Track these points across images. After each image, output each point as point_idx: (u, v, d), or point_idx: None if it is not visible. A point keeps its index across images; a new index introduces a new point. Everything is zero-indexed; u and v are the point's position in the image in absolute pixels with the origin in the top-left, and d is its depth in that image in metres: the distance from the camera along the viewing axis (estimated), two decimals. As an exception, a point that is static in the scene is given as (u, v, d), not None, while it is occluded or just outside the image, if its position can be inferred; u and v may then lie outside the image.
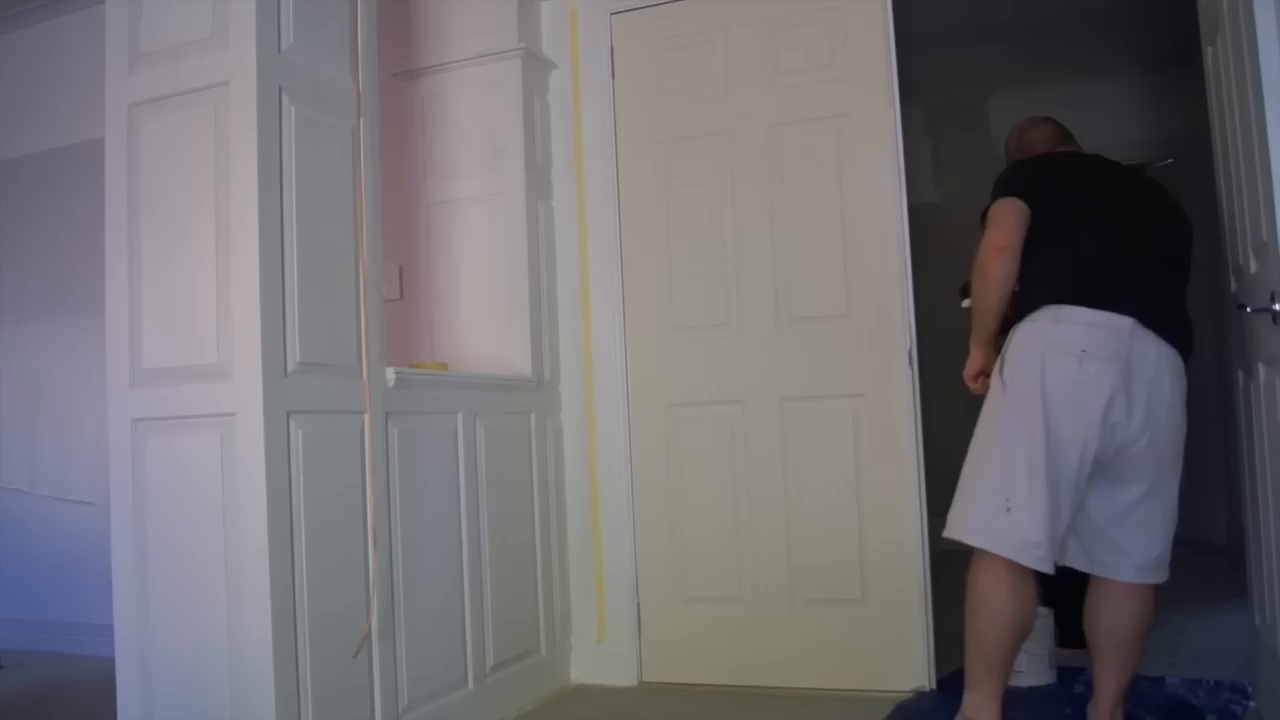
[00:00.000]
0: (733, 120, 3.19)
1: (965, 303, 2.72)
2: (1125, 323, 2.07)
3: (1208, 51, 2.58)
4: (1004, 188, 2.27)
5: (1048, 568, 2.07)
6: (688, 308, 3.21)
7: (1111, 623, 2.20)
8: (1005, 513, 2.05)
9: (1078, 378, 2.04)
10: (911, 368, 2.97)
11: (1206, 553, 4.94)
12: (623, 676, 3.20)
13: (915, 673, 2.91)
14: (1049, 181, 2.28)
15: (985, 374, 2.30)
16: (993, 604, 2.08)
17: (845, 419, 3.01)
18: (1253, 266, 2.23)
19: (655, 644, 3.20)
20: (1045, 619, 2.95)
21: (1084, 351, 2.05)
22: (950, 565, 2.53)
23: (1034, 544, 2.04)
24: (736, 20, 3.18)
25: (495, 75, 3.21)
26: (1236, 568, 2.73)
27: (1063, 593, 2.67)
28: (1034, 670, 2.90)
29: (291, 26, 2.25)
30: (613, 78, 3.32)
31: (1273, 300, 2.00)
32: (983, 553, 2.10)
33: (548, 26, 3.38)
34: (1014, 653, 2.12)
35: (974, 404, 2.29)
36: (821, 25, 3.09)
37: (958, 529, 2.17)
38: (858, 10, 3.03)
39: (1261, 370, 2.24)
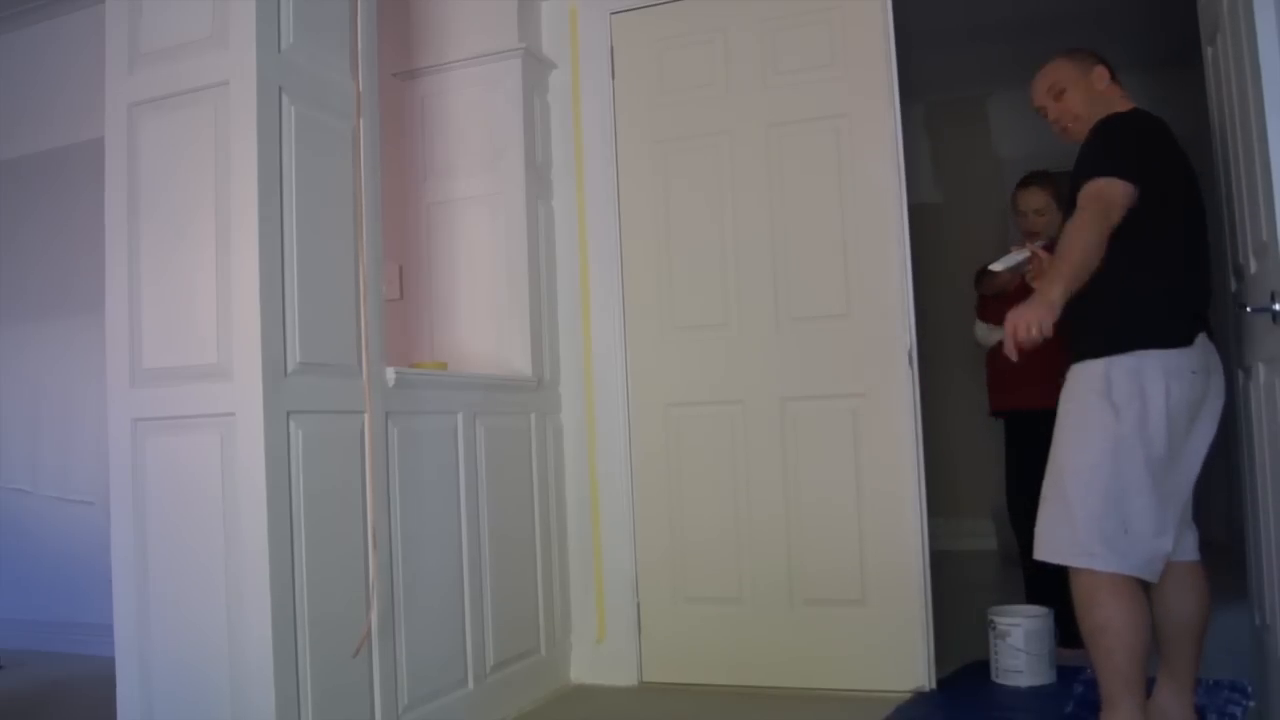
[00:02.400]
0: (733, 120, 3.19)
1: (997, 265, 2.70)
2: (1203, 337, 2.18)
3: (1207, 51, 2.58)
4: (1118, 162, 2.13)
5: (1157, 578, 2.14)
6: (688, 307, 3.21)
7: (1195, 607, 2.24)
8: (1124, 534, 2.08)
9: (1191, 397, 2.12)
10: (911, 368, 2.97)
11: (1207, 552, 4.91)
12: (623, 676, 3.20)
13: (915, 673, 2.91)
14: (1160, 166, 2.18)
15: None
16: (1120, 620, 2.07)
17: (845, 419, 3.01)
18: (1253, 266, 2.23)
19: (655, 644, 3.20)
20: (1045, 619, 2.95)
21: (1194, 373, 2.13)
22: (949, 565, 2.53)
23: (1158, 559, 2.11)
24: (736, 20, 3.18)
25: (495, 75, 3.21)
26: (1236, 568, 2.73)
27: (1063, 593, 2.66)
28: (1034, 670, 2.90)
29: (291, 26, 2.25)
30: (613, 77, 3.32)
31: (1273, 300, 2.00)
32: (1095, 572, 2.10)
33: (548, 26, 3.38)
34: (1147, 663, 2.11)
35: (975, 403, 2.29)
36: (821, 25, 3.09)
37: (1066, 553, 2.14)
38: (857, 10, 3.03)
39: (1261, 370, 2.24)
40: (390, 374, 2.47)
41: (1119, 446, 2.09)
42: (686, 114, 3.23)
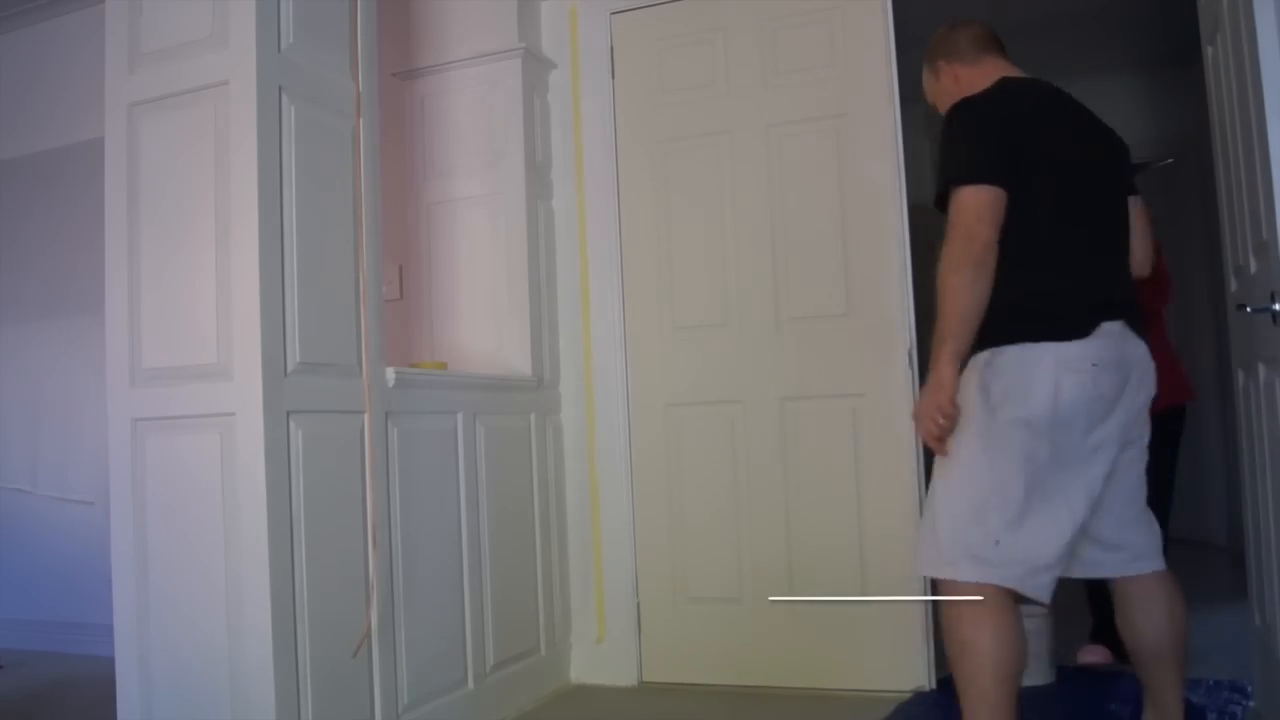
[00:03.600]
0: (732, 120, 3.19)
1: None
2: (1117, 326, 1.91)
3: (1208, 51, 2.58)
4: (971, 167, 1.88)
5: (1047, 597, 1.89)
6: (687, 307, 3.21)
7: (1162, 623, 1.98)
8: (994, 544, 1.84)
9: (1095, 394, 1.86)
10: (911, 368, 2.97)
11: (1207, 553, 4.94)
12: (623, 676, 3.20)
13: (915, 673, 2.91)
14: (1025, 149, 1.90)
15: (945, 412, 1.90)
16: (986, 639, 1.83)
17: (845, 419, 3.01)
18: (1253, 266, 2.23)
19: (655, 644, 3.20)
20: (1045, 619, 2.95)
21: (1096, 367, 1.86)
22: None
23: (1044, 571, 1.85)
24: (736, 20, 3.18)
25: (495, 75, 3.21)
26: (1237, 568, 2.73)
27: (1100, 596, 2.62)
28: (1034, 670, 2.90)
29: (291, 26, 2.25)
30: (612, 77, 3.32)
31: (1273, 300, 2.00)
32: (958, 584, 1.87)
33: (547, 26, 3.38)
34: (1017, 687, 1.86)
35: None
36: (821, 25, 3.09)
37: (929, 564, 1.95)
38: (857, 10, 3.03)
39: (1261, 370, 2.24)
40: (390, 374, 2.47)
41: (992, 447, 1.86)
42: (686, 114, 3.23)
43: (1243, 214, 2.30)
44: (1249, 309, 2.15)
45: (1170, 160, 5.35)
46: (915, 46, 3.40)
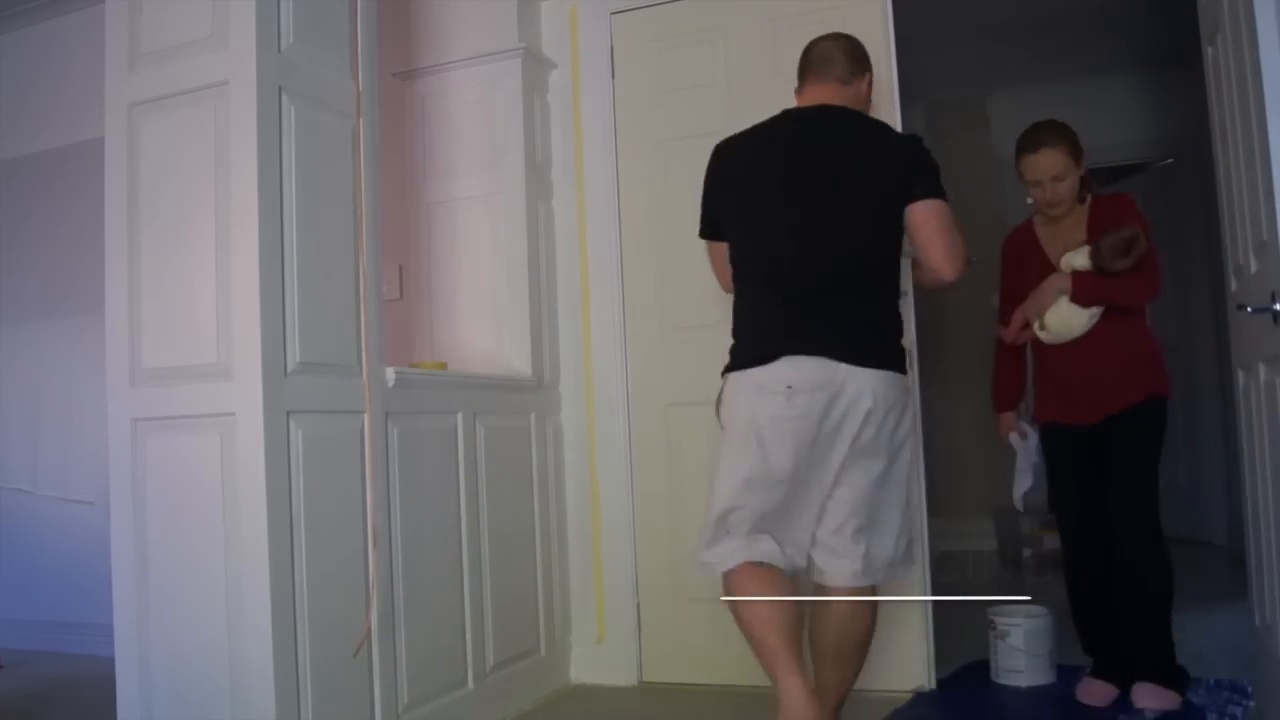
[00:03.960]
0: (732, 120, 3.16)
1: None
2: (826, 361, 2.13)
3: (1208, 51, 2.58)
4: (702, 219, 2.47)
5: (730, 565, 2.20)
6: (687, 307, 3.21)
7: (831, 634, 2.28)
8: (726, 534, 2.21)
9: (792, 413, 2.12)
10: (911, 368, 2.96)
11: (1207, 553, 4.93)
12: (622, 676, 3.20)
13: (915, 673, 2.91)
14: (723, 196, 2.39)
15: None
16: (747, 612, 2.16)
17: (845, 419, 3.01)
18: (1253, 266, 2.23)
19: (655, 644, 3.20)
20: (1045, 619, 2.95)
21: (790, 388, 2.12)
22: (950, 565, 2.53)
23: (741, 553, 2.19)
24: (736, 20, 3.18)
25: (495, 75, 3.21)
26: (1237, 568, 2.73)
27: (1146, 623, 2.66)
28: (1034, 670, 2.90)
29: (291, 26, 2.25)
30: (612, 77, 3.32)
31: (1273, 300, 2.00)
32: (722, 575, 2.22)
33: (547, 26, 3.38)
34: (791, 634, 2.14)
35: (975, 404, 2.29)
36: (821, 25, 3.07)
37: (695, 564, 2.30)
38: (858, 10, 3.03)
39: (1262, 370, 2.24)
40: (390, 374, 2.47)
41: (721, 459, 2.24)
42: (686, 114, 3.23)
43: (1243, 214, 2.30)
44: (1249, 309, 2.15)
45: (1170, 160, 5.35)
46: (916, 46, 3.41)
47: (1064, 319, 2.68)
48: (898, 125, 3.00)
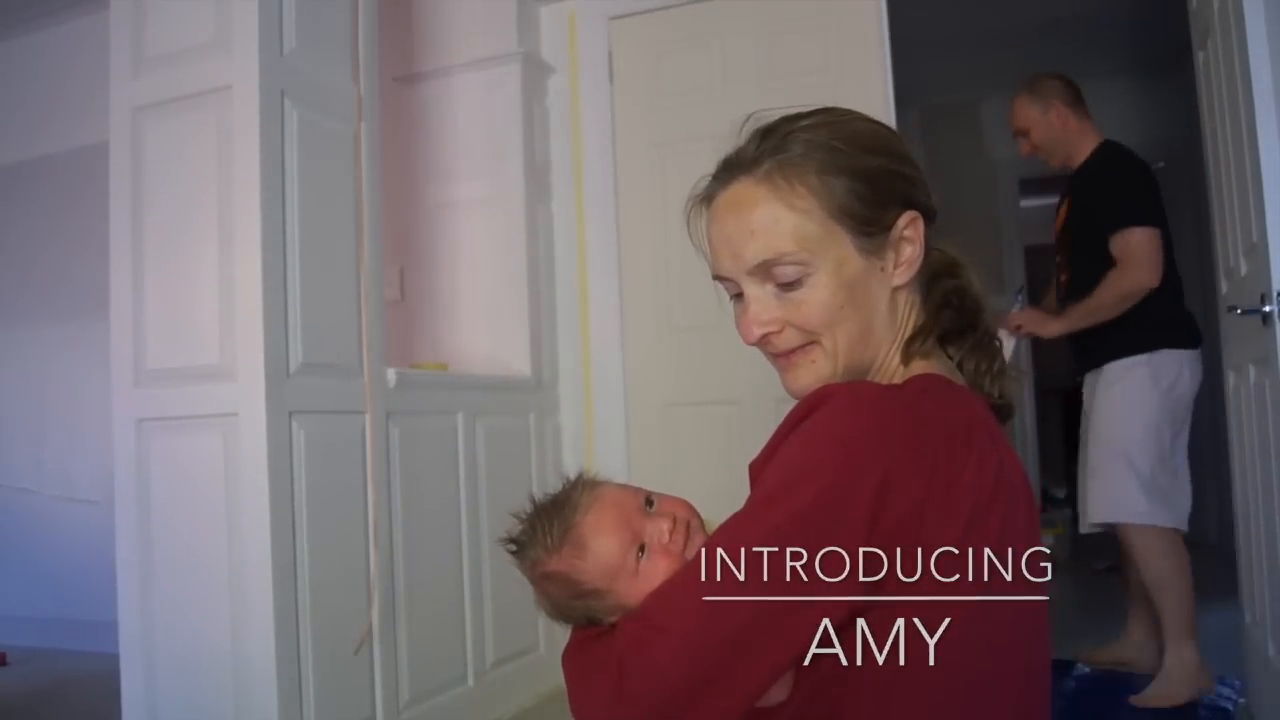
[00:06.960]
0: (729, 124, 3.21)
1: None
2: None
3: (1199, 56, 2.60)
4: (1146, 212, 2.59)
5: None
6: (685, 309, 3.23)
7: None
8: (1171, 493, 2.50)
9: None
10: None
11: (1198, 551, 4.92)
12: (621, 674, 3.22)
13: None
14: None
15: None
16: (1180, 565, 2.46)
17: (841, 419, 3.03)
18: (1243, 269, 2.26)
19: (653, 642, 3.21)
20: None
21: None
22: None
23: (1188, 511, 2.51)
24: (733, 25, 3.21)
25: (495, 79, 3.23)
26: (1227, 566, 2.75)
27: None
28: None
29: (293, 31, 2.28)
30: (611, 82, 3.34)
31: (1263, 302, 2.02)
32: (1146, 530, 2.47)
33: (546, 31, 3.41)
34: None
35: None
36: (817, 30, 3.11)
37: (1127, 512, 2.50)
38: (853, 15, 3.06)
39: (1252, 371, 2.26)
40: (391, 374, 2.50)
41: (1161, 418, 2.58)
42: (684, 118, 3.26)
43: (1233, 217, 2.33)
44: (1240, 311, 2.17)
45: (1161, 164, 5.36)
46: (910, 51, 3.43)
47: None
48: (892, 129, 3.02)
